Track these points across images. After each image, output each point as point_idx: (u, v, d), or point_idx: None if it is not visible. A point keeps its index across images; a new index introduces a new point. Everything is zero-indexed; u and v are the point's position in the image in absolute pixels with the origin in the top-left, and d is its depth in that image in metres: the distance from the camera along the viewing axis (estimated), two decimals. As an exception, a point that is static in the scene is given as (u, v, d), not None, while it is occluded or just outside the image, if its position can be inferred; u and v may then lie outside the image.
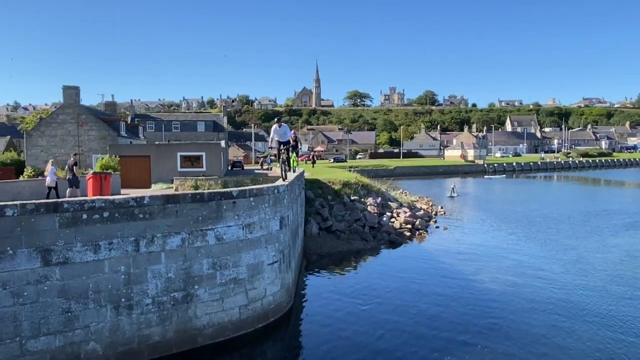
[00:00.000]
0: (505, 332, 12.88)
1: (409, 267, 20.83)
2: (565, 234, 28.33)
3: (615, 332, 12.75)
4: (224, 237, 12.36)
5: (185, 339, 11.68)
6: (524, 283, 17.65)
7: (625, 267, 19.85)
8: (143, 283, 11.13)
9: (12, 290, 9.57)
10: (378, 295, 16.50)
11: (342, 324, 13.80)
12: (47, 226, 9.98)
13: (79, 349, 10.31)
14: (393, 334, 12.96)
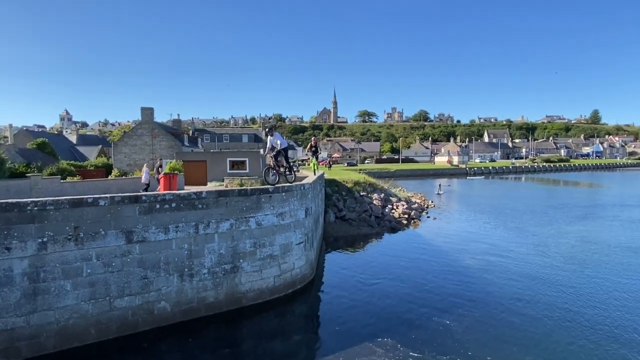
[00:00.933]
0: (478, 296, 12.82)
1: (405, 247, 20.75)
2: (528, 222, 27.80)
3: (561, 295, 12.69)
4: (262, 223, 12.46)
5: (233, 300, 11.81)
6: (494, 260, 17.42)
7: (576, 249, 19.45)
8: (201, 257, 11.30)
9: (104, 261, 9.83)
10: (381, 269, 16.47)
11: (353, 290, 13.82)
12: (129, 213, 10.22)
13: (152, 307, 10.51)
14: (390, 296, 13.03)
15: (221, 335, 10.60)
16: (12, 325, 8.68)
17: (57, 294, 9.17)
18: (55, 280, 9.17)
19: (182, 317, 10.86)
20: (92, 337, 9.59)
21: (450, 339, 9.87)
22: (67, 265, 9.31)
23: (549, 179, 78.12)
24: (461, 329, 10.52)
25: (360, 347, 9.47)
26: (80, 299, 9.48)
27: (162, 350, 9.71)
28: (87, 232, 9.56)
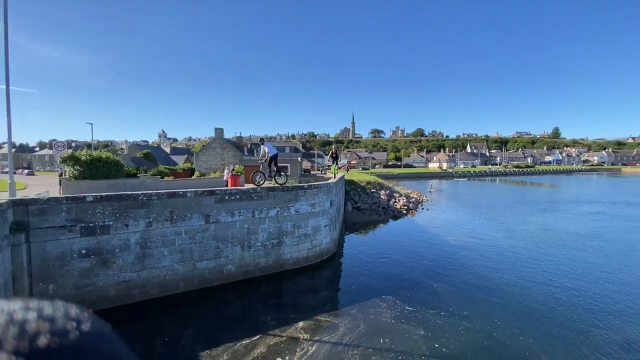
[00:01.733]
0: (459, 267, 12.49)
1: (405, 230, 20.45)
2: (500, 213, 26.71)
3: (522, 267, 12.12)
4: (299, 210, 12.71)
5: (278, 265, 12.13)
6: (472, 241, 16.92)
7: (536, 234, 18.57)
8: (256, 234, 11.67)
9: (190, 235, 10.33)
10: (386, 245, 16.34)
11: (366, 261, 13.81)
12: (207, 202, 10.70)
13: (222, 268, 10.96)
14: (393, 266, 12.88)
15: (270, 289, 10.89)
16: (129, 278, 9.32)
17: (158, 257, 9.75)
18: (157, 248, 9.74)
19: (243, 276, 11.26)
20: (181, 288, 10.12)
21: (437, 298, 9.77)
22: (165, 237, 9.87)
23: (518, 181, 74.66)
24: (445, 290, 10.37)
25: (369, 302, 9.53)
26: (174, 261, 10.02)
27: (229, 299, 10.08)
28: (179, 215, 10.10)
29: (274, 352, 6.98)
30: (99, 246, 8.90)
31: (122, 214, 9.21)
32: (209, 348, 7.10)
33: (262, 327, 8.09)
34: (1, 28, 8.19)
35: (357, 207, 26.10)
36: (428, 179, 74.67)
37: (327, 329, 8.02)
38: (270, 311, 9.11)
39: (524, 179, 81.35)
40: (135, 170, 29.65)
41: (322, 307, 9.39)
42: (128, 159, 36.50)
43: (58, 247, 8.41)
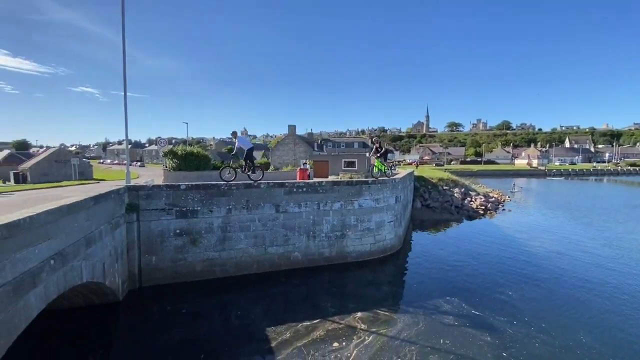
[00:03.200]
0: (541, 278, 11.05)
1: (480, 232, 18.79)
2: (601, 218, 22.49)
3: (626, 288, 10.09)
4: (363, 205, 12.78)
5: (341, 257, 12.42)
6: (562, 250, 14.67)
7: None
8: (321, 225, 12.13)
9: (262, 222, 11.29)
10: (456, 246, 15.32)
11: (431, 260, 13.22)
12: (278, 193, 11.51)
13: (289, 255, 11.70)
14: (461, 268, 12.02)
15: (332, 279, 11.25)
16: (212, 256, 10.67)
17: (235, 240, 10.93)
18: (235, 232, 10.92)
19: (308, 264, 11.86)
20: (254, 269, 11.17)
21: (510, 307, 8.90)
22: (242, 223, 11.00)
23: (633, 182, 61.43)
24: (522, 299, 9.38)
25: (432, 302, 9.18)
26: (248, 245, 11.11)
27: (294, 283, 10.75)
28: (253, 204, 11.13)
29: (331, 337, 7.31)
30: (189, 227, 10.39)
31: (208, 201, 10.57)
32: (274, 325, 7.78)
33: (323, 313, 8.49)
34: (119, 42, 10.08)
35: (427, 204, 24.92)
36: (514, 178, 66.46)
37: (386, 322, 8.03)
38: (331, 299, 9.48)
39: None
40: (220, 164, 33.30)
41: (382, 301, 9.38)
42: (215, 154, 41.03)
43: (159, 226, 10.10)
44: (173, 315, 8.43)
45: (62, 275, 5.61)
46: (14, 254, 4.27)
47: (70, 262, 5.92)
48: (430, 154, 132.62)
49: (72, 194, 7.98)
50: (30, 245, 4.65)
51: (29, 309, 4.55)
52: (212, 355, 6.70)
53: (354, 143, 77.07)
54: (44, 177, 30.72)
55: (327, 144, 74.67)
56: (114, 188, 9.03)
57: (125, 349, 7.15)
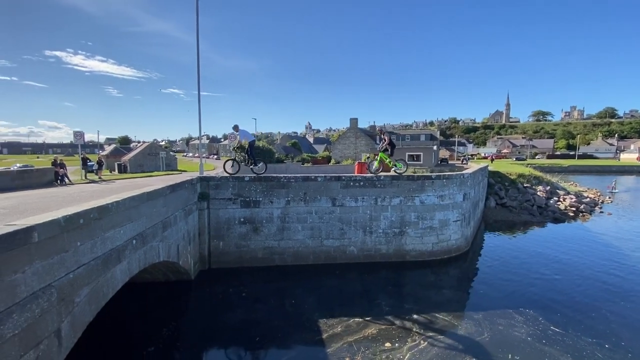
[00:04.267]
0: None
1: (567, 238, 16.18)
2: None
3: None
4: (425, 202, 12.03)
5: (399, 255, 11.93)
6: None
7: None
8: (378, 221, 11.80)
9: (319, 215, 11.44)
10: (535, 253, 13.46)
11: (503, 266, 11.87)
12: (334, 187, 11.51)
13: (345, 249, 11.66)
14: (539, 278, 10.46)
15: (389, 276, 10.89)
16: (271, 245, 11.20)
17: (293, 231, 11.28)
18: (293, 223, 11.27)
19: (363, 260, 11.67)
20: (310, 260, 11.41)
21: (603, 326, 7.49)
22: (299, 215, 11.30)
23: None
24: (620, 320, 7.80)
25: (500, 312, 8.23)
26: (305, 236, 11.37)
27: (349, 277, 10.68)
28: (310, 197, 11.33)
29: (384, 336, 7.06)
30: (252, 216, 11.05)
31: (269, 192, 11.09)
32: (326, 317, 7.84)
33: (376, 310, 8.27)
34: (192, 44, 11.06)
35: (503, 203, 22.40)
36: (617, 175, 55.53)
37: (444, 328, 7.46)
38: (387, 297, 9.18)
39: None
40: (284, 157, 34.76)
41: (442, 305, 8.75)
42: (280, 148, 42.97)
43: (226, 214, 10.95)
44: (235, 296, 9.09)
45: (143, 254, 6.43)
46: (104, 233, 5.02)
47: (149, 243, 6.76)
48: (509, 147, 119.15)
49: (156, 183, 9.09)
50: (116, 226, 5.41)
51: (115, 280, 5.32)
52: (266, 338, 7.05)
53: (420, 135, 73.06)
54: (140, 168, 35.89)
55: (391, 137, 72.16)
56: (188, 178, 10.04)
57: (193, 322, 7.96)
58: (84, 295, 4.46)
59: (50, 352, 3.77)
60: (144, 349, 6.58)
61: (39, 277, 3.63)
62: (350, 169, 24.70)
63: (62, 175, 16.01)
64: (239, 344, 6.94)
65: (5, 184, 12.36)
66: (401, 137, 72.27)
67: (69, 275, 4.13)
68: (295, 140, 53.52)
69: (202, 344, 7.05)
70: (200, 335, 7.37)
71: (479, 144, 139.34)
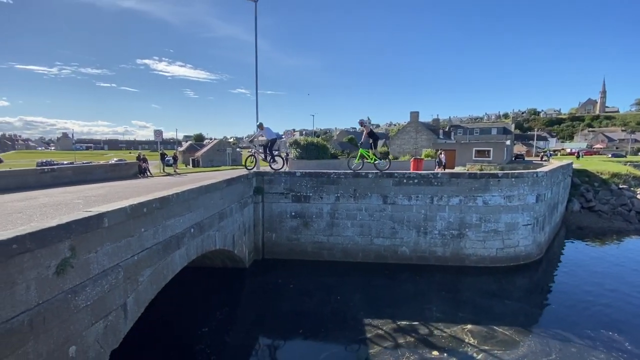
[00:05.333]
0: None
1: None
2: None
3: None
4: (488, 202, 10.93)
5: (456, 259, 11.09)
6: None
7: None
8: (434, 221, 11.11)
9: (369, 212, 11.21)
10: (631, 268, 11.32)
11: (584, 280, 10.24)
12: (386, 184, 11.15)
13: (396, 249, 11.25)
14: (633, 308, 8.56)
15: (444, 281, 10.21)
16: (321, 240, 11.34)
17: (342, 228, 11.25)
18: (342, 219, 11.24)
19: (416, 261, 11.12)
20: (360, 258, 11.27)
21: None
22: (349, 211, 11.22)
23: None
24: None
25: (575, 330, 7.10)
26: (355, 233, 11.26)
27: (401, 278, 10.28)
28: (360, 193, 11.15)
29: (431, 343, 6.64)
30: (303, 211, 11.30)
31: (319, 188, 11.21)
32: (371, 316, 7.66)
33: (426, 315, 7.81)
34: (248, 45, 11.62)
35: (590, 207, 19.29)
36: None
37: (503, 342, 6.71)
38: (440, 302, 8.63)
39: None
40: (340, 153, 34.79)
41: (503, 317, 7.90)
42: (336, 144, 43.16)
43: (279, 208, 11.38)
44: (284, 287, 9.44)
45: (200, 242, 7.03)
46: (165, 221, 5.59)
47: (207, 232, 7.35)
48: (604, 141, 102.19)
49: (220, 176, 9.84)
50: (176, 216, 5.99)
51: (174, 264, 5.91)
52: (310, 331, 7.17)
53: (491, 129, 66.94)
54: (210, 163, 39.38)
55: (457, 131, 67.35)
56: (245, 173, 10.67)
57: (245, 307, 8.49)
58: (147, 276, 5.04)
59: (117, 323, 4.35)
60: (199, 328, 7.22)
61: (109, 257, 4.19)
62: (408, 166, 23.66)
63: (144, 168, 18.34)
64: (284, 333, 7.18)
65: (101, 175, 14.62)
66: (468, 131, 66.98)
67: (134, 257, 4.70)
68: (352, 136, 53.20)
69: (250, 328, 7.47)
70: (249, 321, 7.82)
71: (564, 138, 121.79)
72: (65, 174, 12.78)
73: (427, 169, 21.62)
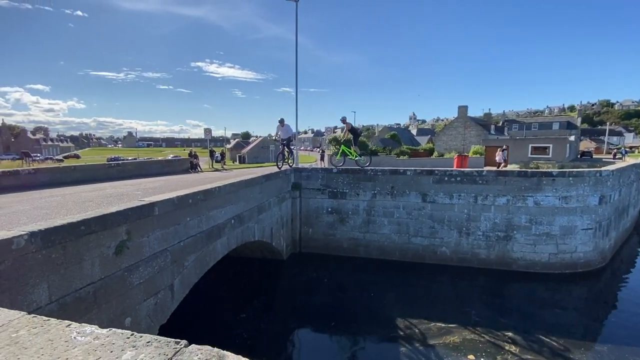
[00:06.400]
0: None
1: None
2: None
3: None
4: (541, 203, 10.10)
5: (502, 263, 10.42)
6: None
7: None
8: (477, 222, 10.56)
9: (407, 211, 10.99)
10: None
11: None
12: (425, 181, 10.83)
13: (436, 249, 10.89)
14: None
15: (488, 285, 9.68)
16: (357, 236, 11.37)
17: (379, 225, 11.17)
18: (379, 217, 11.16)
19: (457, 263, 10.67)
20: (396, 257, 11.10)
21: None
22: (385, 209, 11.10)
23: None
24: None
25: None
26: (391, 231, 11.11)
27: (440, 280, 9.97)
28: (398, 191, 10.97)
29: (468, 347, 6.39)
30: (339, 207, 11.42)
31: (355, 185, 11.24)
32: (404, 316, 7.57)
33: (464, 318, 7.51)
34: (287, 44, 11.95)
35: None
36: None
37: (551, 353, 6.24)
38: (481, 306, 8.23)
39: None
40: (381, 150, 34.22)
41: (553, 327, 7.30)
42: (377, 140, 42.48)
43: (315, 204, 11.63)
44: (319, 280, 9.68)
45: (240, 232, 7.50)
46: (208, 212, 6.08)
47: (246, 223, 7.81)
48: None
49: (259, 172, 10.35)
50: (218, 207, 6.47)
51: (216, 252, 6.40)
52: (342, 324, 7.30)
53: (552, 123, 60.76)
54: (255, 159, 41.15)
55: (512, 126, 62.10)
56: (284, 169, 11.07)
57: (280, 297, 8.87)
58: (191, 261, 5.55)
59: (166, 300, 4.87)
60: (238, 314, 7.72)
61: (159, 242, 4.71)
62: (450, 164, 22.60)
63: (195, 164, 19.79)
64: (317, 325, 7.41)
65: (158, 170, 16.10)
66: (525, 126, 61.48)
67: (180, 243, 5.21)
68: (394, 132, 51.86)
69: (286, 318, 7.81)
70: (285, 310, 8.17)
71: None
72: (128, 169, 14.30)
73: (475, 166, 20.44)
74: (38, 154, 45.31)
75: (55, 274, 3.23)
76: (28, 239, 2.94)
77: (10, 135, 70.60)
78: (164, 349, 1.14)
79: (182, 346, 1.15)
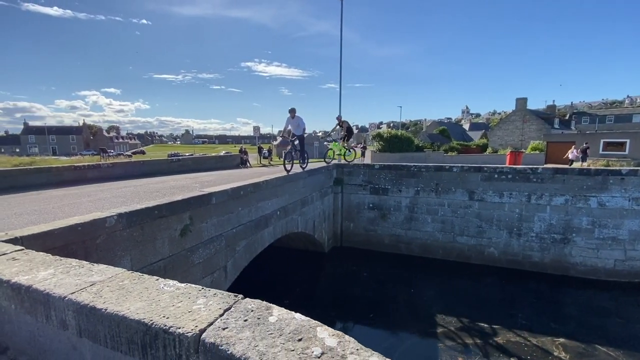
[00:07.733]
0: None
1: None
2: None
3: None
4: (606, 204, 9.21)
5: (558, 267, 9.72)
6: None
7: None
8: (530, 222, 9.95)
9: (452, 209, 10.70)
10: None
11: None
12: (473, 179, 10.44)
13: (483, 249, 10.48)
14: None
15: (540, 290, 9.12)
16: (398, 233, 11.36)
17: (422, 222, 11.03)
18: (422, 214, 11.01)
19: (506, 265, 10.18)
20: (439, 255, 10.89)
21: None
22: (429, 206, 10.92)
23: None
24: None
25: None
26: (435, 229, 10.91)
27: (485, 281, 9.62)
28: (443, 188, 10.72)
29: (511, 349, 6.19)
30: (380, 203, 11.48)
31: (397, 181, 11.21)
32: (445, 314, 7.50)
33: (510, 321, 7.24)
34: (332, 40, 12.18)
35: None
36: None
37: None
38: (529, 311, 7.84)
39: None
40: (429, 146, 32.96)
41: (614, 337, 6.75)
42: (425, 136, 40.94)
43: (357, 199, 11.82)
44: (359, 274, 9.90)
45: (285, 223, 8.02)
46: (257, 203, 6.65)
47: (290, 215, 8.31)
48: None
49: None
50: (266, 199, 7.02)
51: (263, 240, 6.97)
52: (380, 317, 7.48)
53: (631, 115, 53.55)
54: (300, 155, 42.22)
55: (582, 119, 55.83)
56: (326, 165, 11.42)
57: (321, 287, 9.28)
58: (242, 246, 6.15)
59: (220, 280, 5.50)
60: (281, 300, 8.27)
61: (215, 228, 5.33)
62: (502, 160, 21.12)
63: (245, 160, 21.08)
64: (355, 317, 7.67)
65: (212, 165, 17.49)
66: (598, 119, 54.89)
67: (233, 230, 5.82)
68: (444, 127, 49.32)
69: (325, 307, 8.19)
70: (325, 300, 8.56)
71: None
72: (186, 163, 15.78)
73: (534, 164, 18.91)
74: (112, 150, 51.33)
75: (135, 249, 3.91)
76: (117, 218, 3.63)
77: (90, 133, 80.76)
78: (226, 299, 1.51)
79: (239, 298, 1.52)
